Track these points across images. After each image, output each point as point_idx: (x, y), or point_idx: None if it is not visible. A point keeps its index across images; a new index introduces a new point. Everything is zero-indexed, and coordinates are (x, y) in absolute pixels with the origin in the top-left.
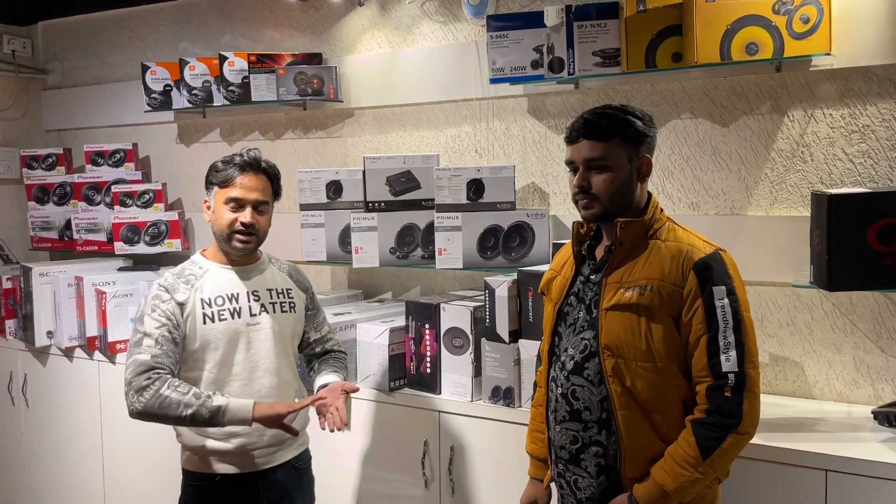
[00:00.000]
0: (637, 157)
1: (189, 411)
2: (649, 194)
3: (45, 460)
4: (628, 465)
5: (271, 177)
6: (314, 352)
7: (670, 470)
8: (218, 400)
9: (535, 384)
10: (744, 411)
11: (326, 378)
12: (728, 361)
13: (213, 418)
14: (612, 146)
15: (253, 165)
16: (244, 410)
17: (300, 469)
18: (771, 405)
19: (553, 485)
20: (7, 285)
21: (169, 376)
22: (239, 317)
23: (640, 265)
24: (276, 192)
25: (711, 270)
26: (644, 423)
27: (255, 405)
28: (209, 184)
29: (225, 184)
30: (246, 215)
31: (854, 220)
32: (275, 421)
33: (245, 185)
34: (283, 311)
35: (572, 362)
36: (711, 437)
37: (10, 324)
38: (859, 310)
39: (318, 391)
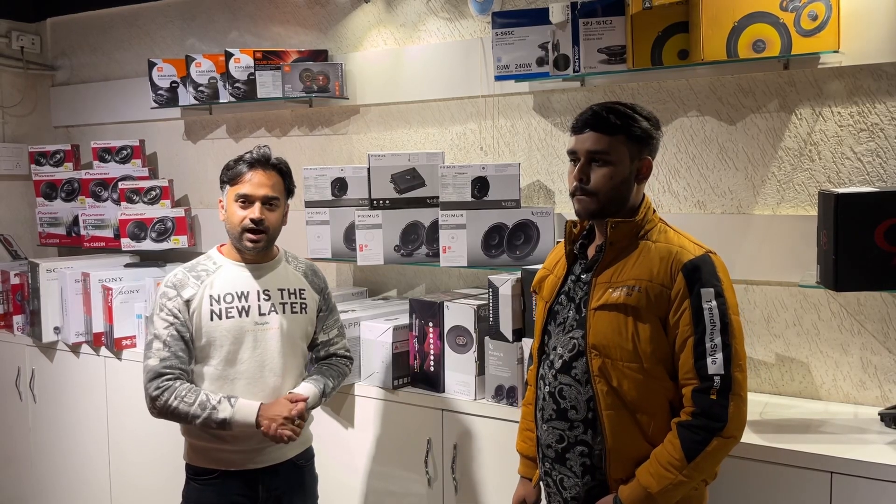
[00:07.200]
0: (639, 158)
1: (197, 421)
2: (643, 195)
3: (51, 455)
4: (613, 466)
5: (282, 173)
6: (318, 355)
7: (655, 472)
8: (223, 412)
9: (527, 382)
10: (729, 414)
11: (300, 388)
12: (714, 364)
13: (222, 429)
14: (616, 141)
15: (262, 162)
16: (248, 426)
17: (301, 467)
18: (777, 406)
19: (542, 483)
20: (15, 281)
21: (177, 383)
22: (247, 315)
23: (630, 266)
24: (289, 190)
25: (700, 272)
26: (630, 423)
27: (258, 415)
28: (222, 182)
29: (235, 181)
30: (255, 211)
31: (861, 219)
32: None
33: (254, 182)
34: (293, 312)
35: (561, 361)
36: (696, 439)
37: (17, 319)
38: (867, 310)
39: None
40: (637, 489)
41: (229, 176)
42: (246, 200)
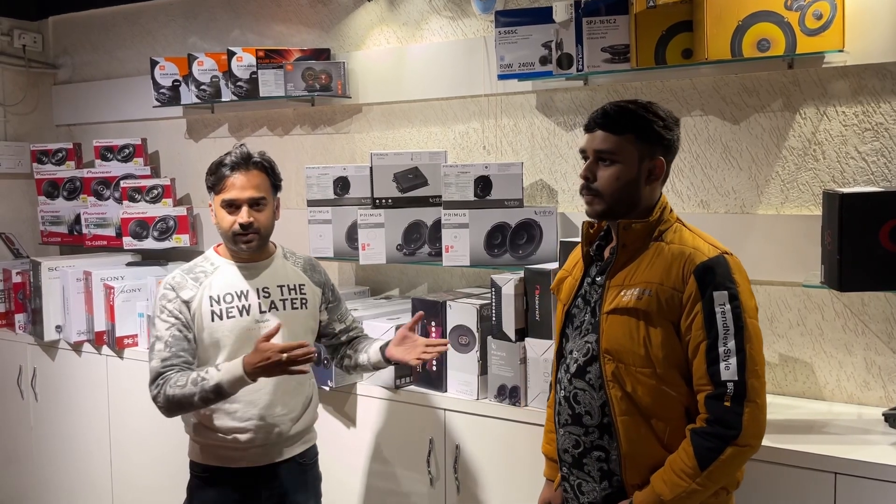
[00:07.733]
0: (650, 158)
1: (197, 399)
2: (660, 195)
3: (53, 453)
4: (629, 472)
5: (265, 170)
6: (340, 341)
7: (668, 479)
8: (212, 379)
9: (551, 384)
10: (744, 422)
11: (379, 342)
12: (727, 370)
13: (221, 395)
14: (624, 141)
15: (242, 163)
16: (239, 381)
17: (304, 466)
18: (780, 406)
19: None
20: (17, 279)
21: (173, 374)
22: (248, 314)
23: (643, 268)
24: (275, 185)
25: (713, 274)
26: (645, 429)
27: (243, 367)
28: (208, 189)
29: (218, 187)
30: (242, 215)
31: (866, 219)
32: (272, 368)
33: (237, 185)
34: (293, 308)
35: (576, 365)
36: (710, 447)
37: (19, 318)
38: (871, 310)
39: (383, 350)
40: (651, 496)
41: (212, 182)
42: (232, 205)
